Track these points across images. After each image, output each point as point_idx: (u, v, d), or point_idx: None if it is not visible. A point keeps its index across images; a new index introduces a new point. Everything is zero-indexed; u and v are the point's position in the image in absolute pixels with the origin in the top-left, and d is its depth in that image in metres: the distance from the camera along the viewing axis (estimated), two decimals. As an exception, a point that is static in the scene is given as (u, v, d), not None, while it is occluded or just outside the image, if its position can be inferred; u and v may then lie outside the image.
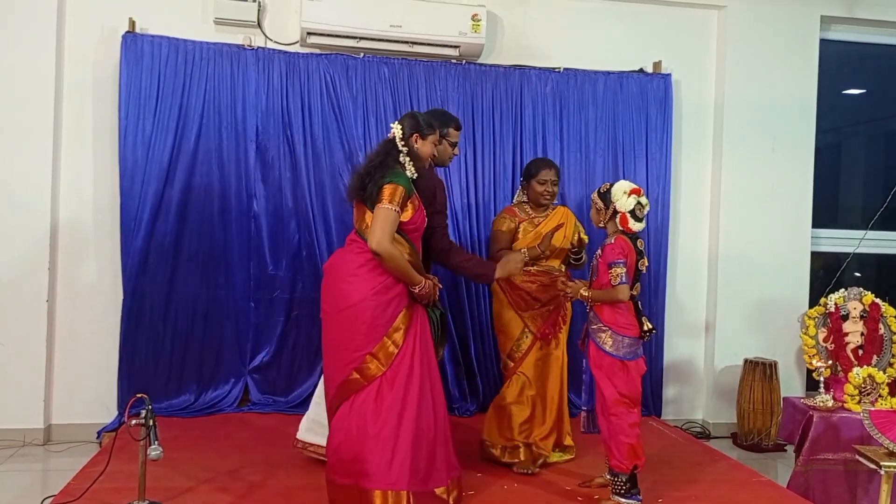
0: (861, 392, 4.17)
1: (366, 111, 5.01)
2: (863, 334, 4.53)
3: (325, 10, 4.83)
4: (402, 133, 3.45)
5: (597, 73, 5.33)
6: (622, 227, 3.60)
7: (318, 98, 4.96)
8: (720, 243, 5.53)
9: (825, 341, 4.56)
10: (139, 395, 3.19)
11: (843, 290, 4.60)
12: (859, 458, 3.58)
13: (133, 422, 3.12)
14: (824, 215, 5.86)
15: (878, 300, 4.55)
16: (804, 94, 5.58)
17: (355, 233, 3.43)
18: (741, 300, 5.53)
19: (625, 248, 3.56)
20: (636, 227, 3.60)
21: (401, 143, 3.44)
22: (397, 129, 3.46)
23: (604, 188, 3.70)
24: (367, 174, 3.37)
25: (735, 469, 4.27)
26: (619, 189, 3.61)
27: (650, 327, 3.62)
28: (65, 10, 4.80)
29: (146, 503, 3.26)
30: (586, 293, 3.65)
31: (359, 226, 3.41)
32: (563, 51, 5.36)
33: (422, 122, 3.51)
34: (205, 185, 4.85)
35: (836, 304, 4.56)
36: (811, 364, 4.48)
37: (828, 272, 5.79)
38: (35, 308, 4.72)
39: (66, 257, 4.82)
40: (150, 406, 3.13)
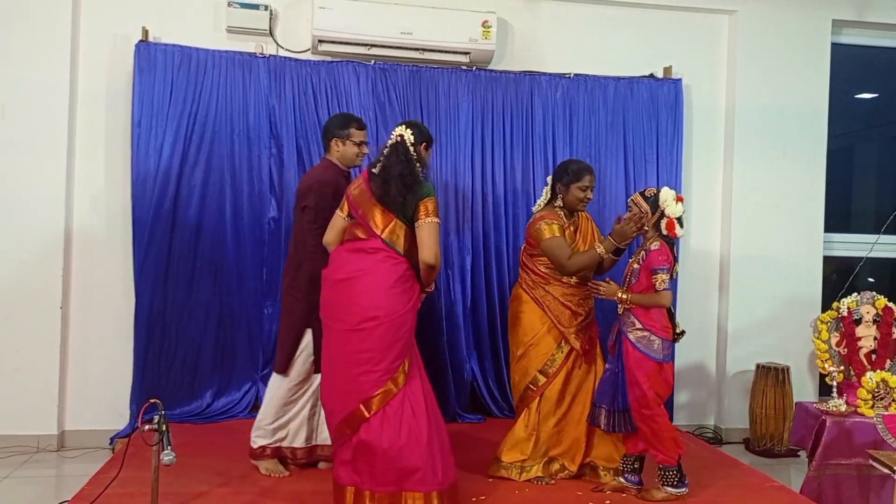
0: (874, 396, 4.14)
1: (376, 118, 5.02)
2: (876, 338, 4.50)
3: (336, 18, 4.86)
4: (412, 139, 3.50)
5: (607, 79, 5.33)
6: (667, 233, 3.65)
7: (330, 105, 4.98)
8: (732, 248, 5.51)
9: (838, 346, 4.53)
10: (152, 400, 3.20)
11: (855, 294, 4.57)
12: (873, 462, 3.55)
13: (146, 427, 3.14)
14: (837, 219, 5.84)
15: (891, 304, 4.52)
16: (816, 98, 5.57)
17: (381, 241, 3.38)
18: (753, 305, 5.51)
19: (668, 255, 3.63)
20: (680, 233, 3.68)
21: (412, 150, 3.49)
22: (408, 136, 3.49)
23: (648, 193, 3.73)
24: (405, 186, 3.38)
25: (748, 474, 4.25)
26: (668, 195, 3.67)
27: (682, 330, 3.71)
28: (79, 19, 4.85)
29: (159, 508, 3.28)
30: (624, 296, 3.67)
31: (389, 236, 3.38)
32: (573, 56, 5.37)
33: (423, 130, 3.62)
34: (217, 192, 4.88)
35: (848, 308, 4.53)
36: (824, 369, 4.46)
37: (840, 276, 5.76)
38: (49, 315, 4.76)
39: (80, 264, 4.86)
40: (162, 411, 3.14)
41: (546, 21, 5.39)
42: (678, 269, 3.77)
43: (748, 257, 5.50)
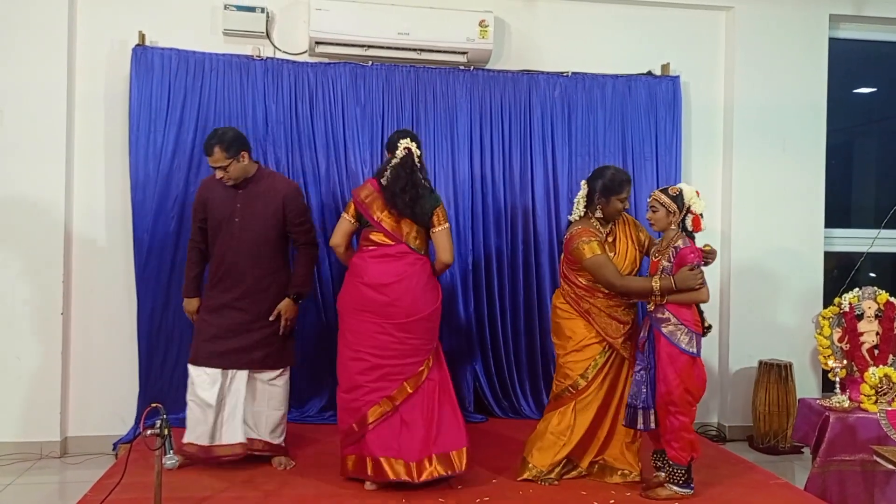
0: (877, 392, 4.14)
1: (374, 119, 5.02)
2: (878, 334, 4.50)
3: (333, 20, 4.85)
4: (419, 152, 3.86)
5: (605, 77, 5.32)
6: (692, 228, 3.71)
7: (327, 107, 4.98)
8: (732, 245, 5.50)
9: (840, 341, 4.53)
10: (154, 404, 3.20)
11: (857, 289, 4.58)
12: (877, 458, 3.55)
13: (148, 432, 3.13)
14: (837, 215, 5.83)
15: (892, 299, 4.53)
16: (814, 93, 5.56)
17: (407, 246, 3.82)
18: (755, 302, 5.50)
19: (698, 251, 3.68)
20: (704, 227, 3.76)
21: (418, 161, 3.86)
22: (415, 148, 3.83)
23: (673, 191, 3.74)
24: (422, 198, 3.81)
25: (752, 471, 4.24)
26: (691, 192, 3.74)
27: (710, 324, 3.76)
28: (75, 24, 4.85)
29: (162, 513, 3.27)
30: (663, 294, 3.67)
31: (414, 242, 3.85)
32: (571, 55, 5.36)
33: (417, 138, 3.97)
34: (216, 196, 4.86)
35: (850, 303, 4.53)
36: (826, 365, 4.46)
37: (842, 272, 5.75)
38: (50, 321, 4.75)
39: (80, 270, 4.86)
40: (165, 416, 3.14)
41: (543, 20, 5.39)
42: None
43: (749, 254, 5.49)
